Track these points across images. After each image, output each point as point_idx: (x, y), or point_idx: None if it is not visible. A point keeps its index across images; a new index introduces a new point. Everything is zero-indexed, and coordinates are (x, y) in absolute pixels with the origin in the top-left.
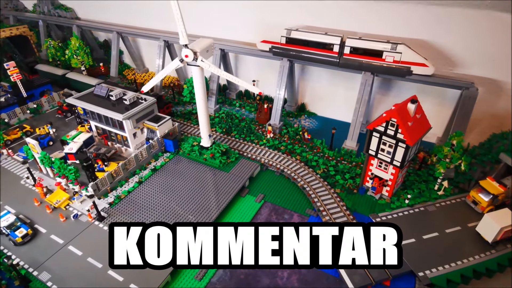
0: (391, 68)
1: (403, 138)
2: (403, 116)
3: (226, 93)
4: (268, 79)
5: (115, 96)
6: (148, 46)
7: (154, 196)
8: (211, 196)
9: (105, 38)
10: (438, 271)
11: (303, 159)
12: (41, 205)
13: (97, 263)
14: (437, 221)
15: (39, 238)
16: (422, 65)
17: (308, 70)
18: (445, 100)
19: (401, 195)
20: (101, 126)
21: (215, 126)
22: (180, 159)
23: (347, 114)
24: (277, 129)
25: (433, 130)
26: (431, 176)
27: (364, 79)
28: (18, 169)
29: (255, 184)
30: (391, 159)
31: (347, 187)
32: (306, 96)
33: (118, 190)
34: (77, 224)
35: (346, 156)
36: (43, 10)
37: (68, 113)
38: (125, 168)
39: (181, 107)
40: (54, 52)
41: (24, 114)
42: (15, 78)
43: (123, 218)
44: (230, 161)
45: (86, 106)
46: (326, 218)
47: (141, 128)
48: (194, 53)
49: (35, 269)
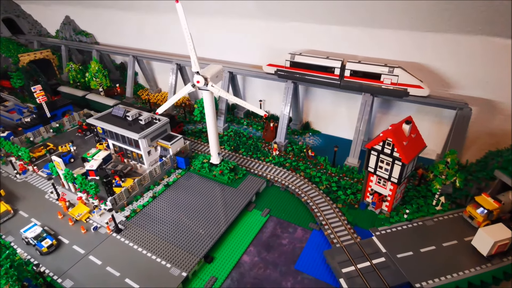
0: (389, 90)
1: (399, 157)
2: (398, 136)
3: (234, 112)
4: (274, 98)
5: (131, 116)
6: (161, 68)
7: (167, 210)
8: (219, 210)
9: (122, 61)
10: (434, 282)
11: (307, 175)
12: (64, 218)
13: (115, 272)
14: (435, 235)
15: (62, 248)
16: (418, 87)
17: (311, 90)
18: (442, 119)
19: (400, 210)
20: (118, 144)
21: (223, 144)
22: (191, 175)
23: (349, 132)
24: (283, 146)
25: (432, 147)
26: (429, 192)
27: (364, 100)
28: (42, 184)
29: (261, 199)
30: (389, 176)
31: (349, 202)
32: (310, 115)
33: (134, 204)
34: (96, 235)
35: (348, 173)
36: (65, 36)
37: (87, 131)
38: (140, 183)
39: (192, 126)
40: (75, 75)
41: (48, 133)
42: (40, 100)
43: (138, 231)
44: (238, 177)
45: (105, 126)
46: (328, 232)
47: (155, 146)
48: (205, 79)
49: (59, 277)
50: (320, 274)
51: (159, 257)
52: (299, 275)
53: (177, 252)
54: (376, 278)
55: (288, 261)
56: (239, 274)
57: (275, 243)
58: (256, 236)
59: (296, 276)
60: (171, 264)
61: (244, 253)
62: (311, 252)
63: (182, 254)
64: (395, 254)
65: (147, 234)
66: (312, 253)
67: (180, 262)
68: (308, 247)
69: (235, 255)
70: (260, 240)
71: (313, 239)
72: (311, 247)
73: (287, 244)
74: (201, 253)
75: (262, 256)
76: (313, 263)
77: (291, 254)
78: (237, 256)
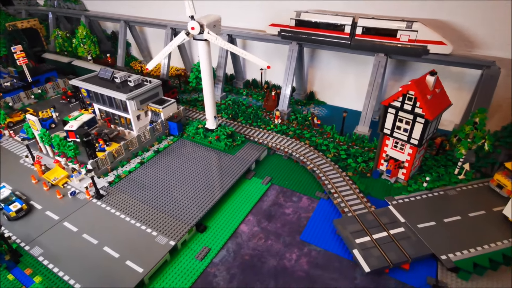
0: (406, 48)
1: (422, 113)
2: (421, 89)
3: (233, 83)
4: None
5: (119, 78)
6: (155, 35)
7: (156, 176)
8: (214, 177)
9: (113, 30)
10: (462, 254)
11: (312, 143)
12: (38, 183)
13: (92, 239)
14: (459, 205)
15: (34, 214)
16: (440, 43)
17: (317, 56)
18: (463, 85)
19: (419, 179)
20: (104, 108)
21: (221, 112)
22: (184, 142)
23: (357, 103)
24: (285, 115)
25: (450, 117)
26: (450, 161)
27: (377, 61)
28: (18, 149)
29: (262, 167)
30: (408, 137)
31: (360, 171)
32: (315, 84)
33: (119, 170)
34: (74, 201)
35: (358, 141)
36: (53, 4)
37: (72, 99)
38: (127, 148)
39: (187, 95)
40: (62, 42)
41: (29, 99)
42: (21, 62)
43: (122, 196)
44: (236, 144)
45: (90, 87)
46: (337, 200)
47: (145, 110)
48: (200, 26)
49: (27, 244)
50: (329, 245)
51: (144, 224)
52: (305, 246)
53: (165, 219)
54: (395, 249)
55: (292, 231)
56: (236, 244)
57: (277, 212)
58: (256, 205)
59: (301, 247)
60: (157, 232)
61: (242, 222)
62: (319, 222)
63: (171, 222)
64: (415, 224)
65: (132, 200)
66: (320, 223)
67: (168, 230)
68: (315, 216)
69: (231, 224)
70: (260, 209)
71: (321, 208)
72: (318, 217)
73: (291, 214)
74: (193, 221)
75: (263, 226)
76: (320, 233)
77: (296, 224)
78: (234, 225)
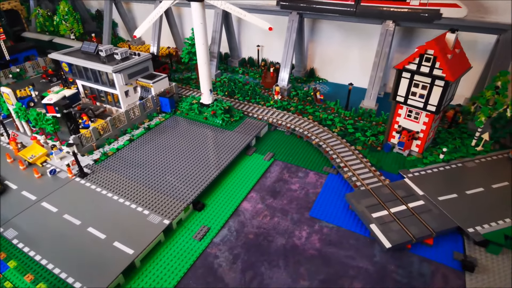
0: (417, 12)
1: (442, 74)
2: (441, 47)
3: (228, 61)
4: (273, 44)
5: (105, 51)
6: (144, 13)
7: (147, 154)
8: (211, 154)
9: (98, 8)
10: (491, 227)
11: (316, 118)
12: (14, 162)
13: (74, 220)
14: (480, 177)
15: (8, 194)
16: (454, 5)
17: (318, 30)
18: (475, 54)
19: (434, 151)
20: (89, 85)
21: (216, 89)
22: (178, 119)
23: (361, 79)
24: (285, 91)
25: (460, 91)
26: (464, 134)
27: (384, 29)
28: None
29: (262, 143)
30: (425, 103)
31: (370, 144)
32: (315, 60)
33: (105, 148)
34: (54, 180)
35: (365, 115)
36: None
37: (53, 77)
38: (115, 125)
39: (179, 74)
40: (43, 21)
41: (6, 79)
42: None
43: (109, 174)
44: (234, 120)
45: (72, 61)
46: (348, 174)
47: (134, 86)
48: None
49: (1, 226)
50: (341, 221)
51: (134, 203)
52: (316, 223)
53: (158, 197)
54: (417, 223)
55: (300, 208)
56: (238, 223)
57: (282, 189)
58: (259, 181)
59: (312, 224)
60: (149, 210)
61: (244, 199)
62: (329, 198)
63: (165, 200)
64: (435, 197)
65: (120, 178)
66: (330, 199)
67: (162, 209)
68: (324, 192)
69: (232, 202)
70: (263, 185)
71: (330, 183)
72: (327, 192)
73: (298, 190)
74: (189, 199)
75: (267, 203)
76: (332, 209)
77: (304, 200)
78: (235, 203)
